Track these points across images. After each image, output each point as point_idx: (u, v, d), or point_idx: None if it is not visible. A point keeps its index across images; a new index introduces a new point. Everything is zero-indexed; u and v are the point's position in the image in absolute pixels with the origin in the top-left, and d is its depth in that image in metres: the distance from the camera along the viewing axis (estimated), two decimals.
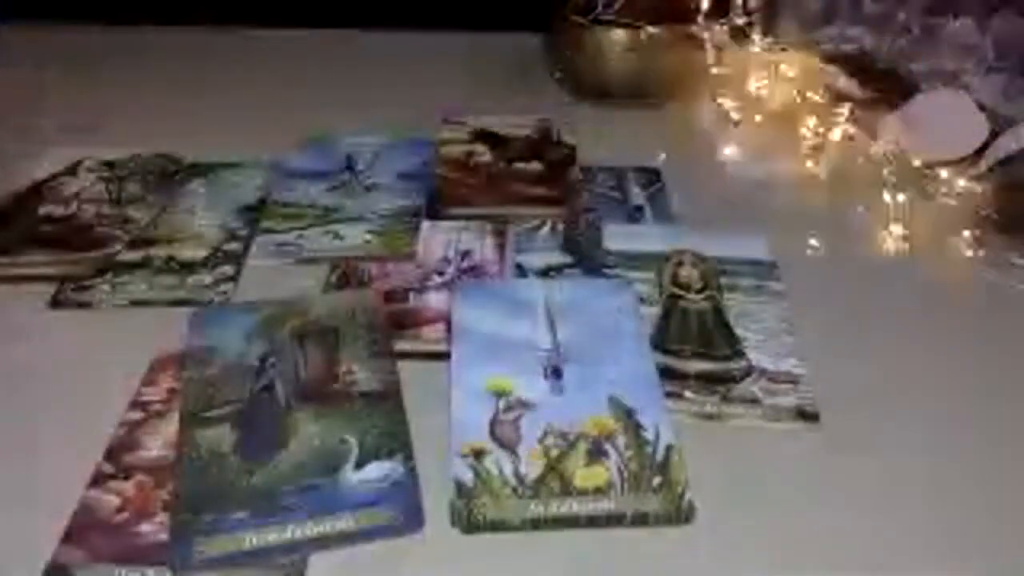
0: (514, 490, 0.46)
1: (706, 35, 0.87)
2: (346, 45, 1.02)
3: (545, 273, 0.65)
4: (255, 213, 0.70)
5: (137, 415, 0.51)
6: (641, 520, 0.46)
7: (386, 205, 0.71)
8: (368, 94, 0.92)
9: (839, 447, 0.50)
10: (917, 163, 0.75)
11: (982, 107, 0.76)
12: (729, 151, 0.82)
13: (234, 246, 0.67)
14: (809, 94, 0.85)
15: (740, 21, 0.89)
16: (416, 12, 1.05)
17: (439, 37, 1.02)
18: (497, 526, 0.45)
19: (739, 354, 0.56)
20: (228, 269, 0.64)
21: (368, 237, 0.68)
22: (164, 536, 0.44)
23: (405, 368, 0.55)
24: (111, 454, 0.48)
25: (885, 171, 0.75)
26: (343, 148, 0.79)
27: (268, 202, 0.72)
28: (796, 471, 0.49)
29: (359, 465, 0.47)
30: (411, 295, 0.62)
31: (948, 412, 0.53)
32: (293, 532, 0.44)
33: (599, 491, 0.46)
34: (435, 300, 0.61)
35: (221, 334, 0.56)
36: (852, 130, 0.80)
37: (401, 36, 1.04)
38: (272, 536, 0.44)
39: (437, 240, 0.68)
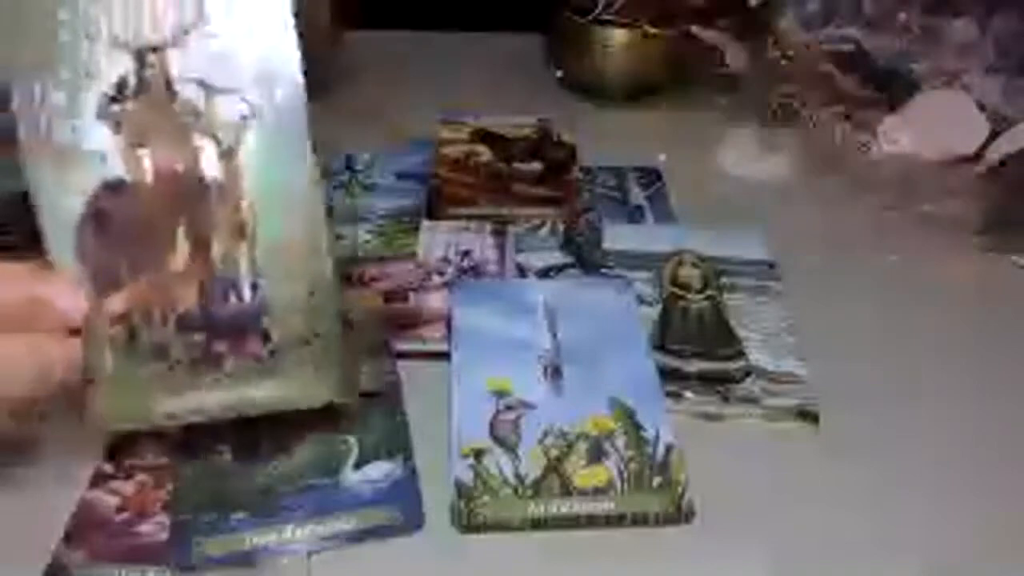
0: (514, 490, 0.46)
1: (706, 35, 0.87)
2: (345, 45, 1.02)
3: (545, 273, 0.65)
4: None
5: None
6: (641, 520, 0.46)
7: (386, 205, 0.71)
8: (368, 94, 0.91)
9: (839, 447, 0.50)
10: (917, 163, 0.75)
11: (982, 107, 0.76)
12: (729, 151, 0.82)
13: None
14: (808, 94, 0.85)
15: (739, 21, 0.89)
16: (415, 12, 1.05)
17: (439, 37, 1.02)
18: (497, 526, 0.45)
19: (739, 354, 0.56)
20: None
21: (368, 237, 0.68)
22: (164, 536, 0.44)
23: (405, 368, 0.55)
24: (111, 454, 0.48)
25: (885, 171, 0.75)
26: (343, 148, 0.79)
27: None
28: (796, 471, 0.49)
29: (359, 465, 0.47)
30: (411, 295, 0.62)
31: (948, 412, 0.53)
32: (293, 532, 0.44)
33: (599, 491, 0.46)
34: (435, 300, 0.61)
35: None
36: (851, 130, 0.80)
37: (400, 36, 1.04)
38: (272, 536, 0.44)
39: (437, 240, 0.68)
